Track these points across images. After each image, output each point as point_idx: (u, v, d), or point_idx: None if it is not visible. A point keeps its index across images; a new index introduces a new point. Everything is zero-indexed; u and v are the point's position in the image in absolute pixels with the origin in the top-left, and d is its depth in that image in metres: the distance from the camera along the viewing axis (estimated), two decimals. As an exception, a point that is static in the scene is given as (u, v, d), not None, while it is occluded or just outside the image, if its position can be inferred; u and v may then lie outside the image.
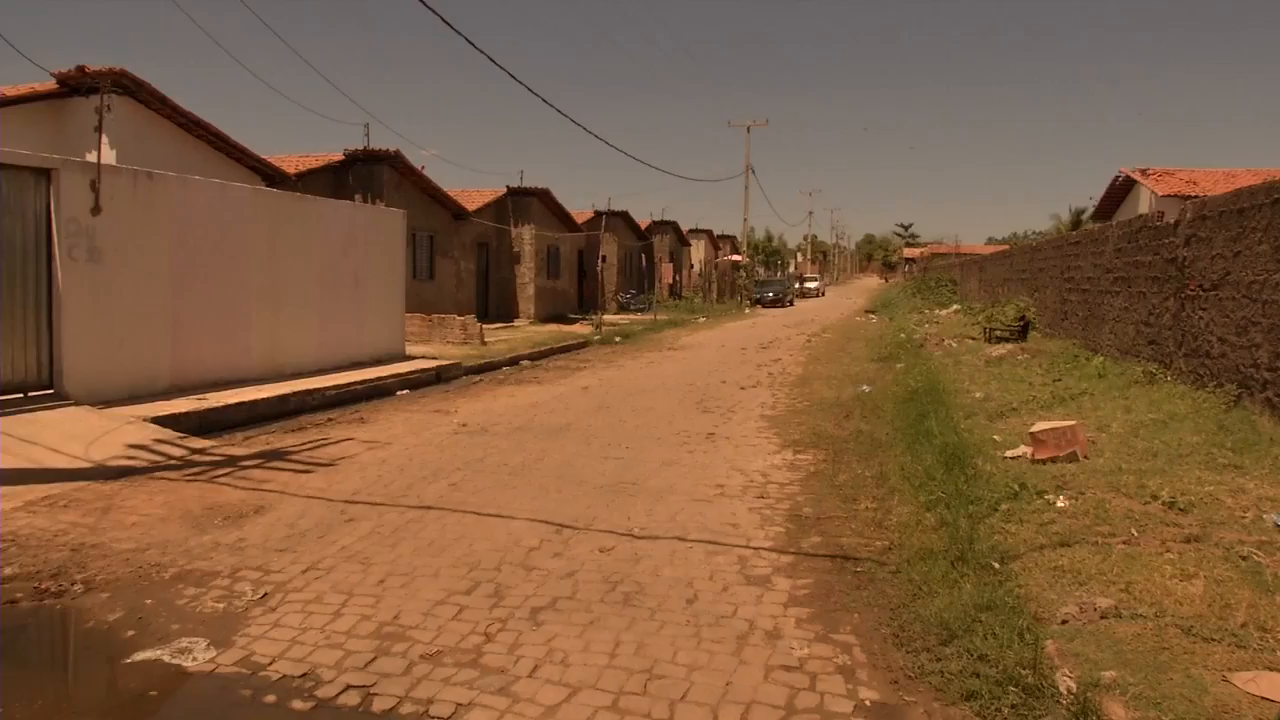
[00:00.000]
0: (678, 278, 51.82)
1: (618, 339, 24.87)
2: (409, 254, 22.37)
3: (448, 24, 12.08)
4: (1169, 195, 26.10)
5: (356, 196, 22.81)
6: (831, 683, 4.10)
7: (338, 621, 4.77)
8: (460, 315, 22.45)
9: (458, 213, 28.30)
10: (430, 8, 11.21)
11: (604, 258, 37.88)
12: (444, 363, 16.28)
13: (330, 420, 11.23)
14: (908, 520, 6.35)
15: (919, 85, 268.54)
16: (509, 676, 4.14)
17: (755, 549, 6.04)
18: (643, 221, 46.99)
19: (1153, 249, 13.21)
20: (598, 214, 38.71)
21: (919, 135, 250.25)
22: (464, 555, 5.87)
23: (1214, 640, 4.12)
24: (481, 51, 14.62)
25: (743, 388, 14.45)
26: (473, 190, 31.39)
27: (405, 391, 14.01)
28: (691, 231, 56.92)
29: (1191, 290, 11.40)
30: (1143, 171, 31.41)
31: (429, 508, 7.01)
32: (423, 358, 16.91)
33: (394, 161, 24.51)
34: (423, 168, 26.95)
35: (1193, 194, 22.48)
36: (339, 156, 23.89)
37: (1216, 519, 5.83)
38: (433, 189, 26.78)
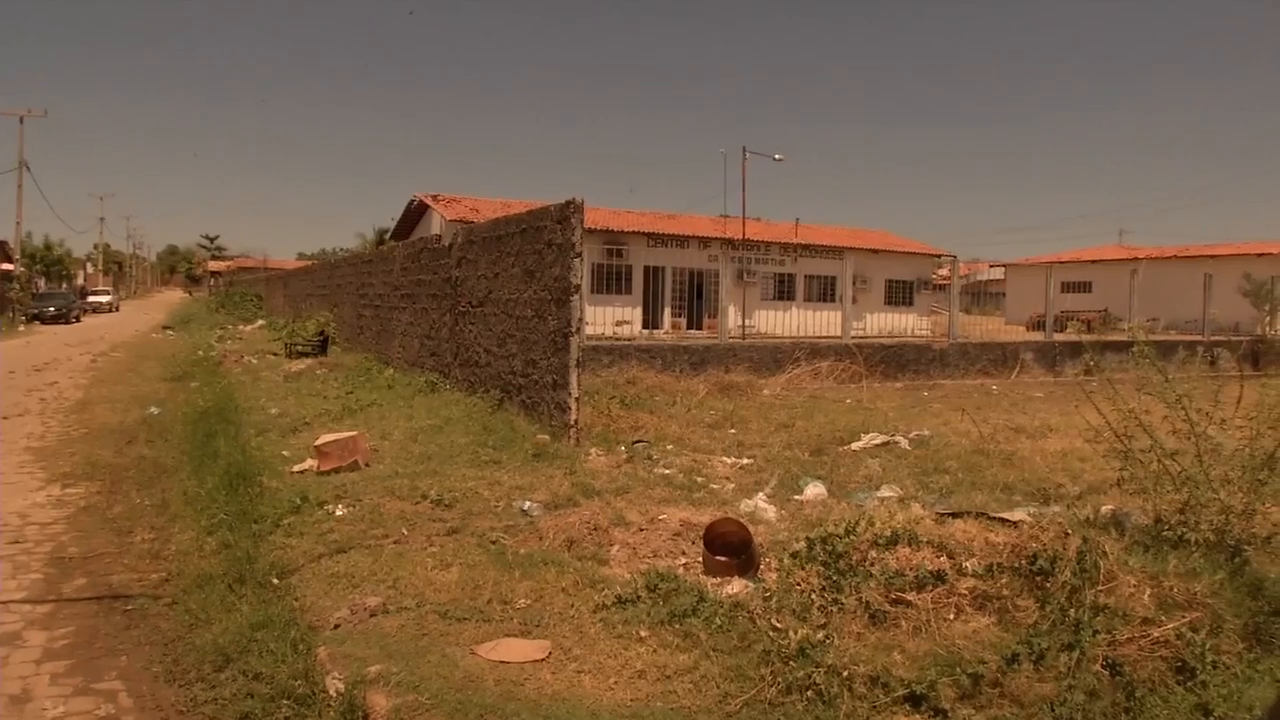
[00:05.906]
0: (-78, 290, 42.81)
1: None
2: None
3: None
4: (455, 220, 28.71)
5: None
6: (91, 738, 3.77)
7: None
8: None
9: None
10: None
11: None
12: None
13: None
14: (188, 547, 6.09)
15: (224, 96, 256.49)
16: None
17: (3, 603, 5.27)
18: None
19: (433, 269, 14.50)
20: None
21: (224, 145, 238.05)
22: None
23: (465, 619, 4.67)
24: None
25: (5, 418, 12.49)
26: None
27: None
28: (-55, 236, 47.59)
29: (463, 307, 12.76)
30: (434, 197, 34.23)
31: None
32: None
33: None
34: None
35: (475, 219, 25.05)
36: None
37: (475, 510, 6.60)
38: None
